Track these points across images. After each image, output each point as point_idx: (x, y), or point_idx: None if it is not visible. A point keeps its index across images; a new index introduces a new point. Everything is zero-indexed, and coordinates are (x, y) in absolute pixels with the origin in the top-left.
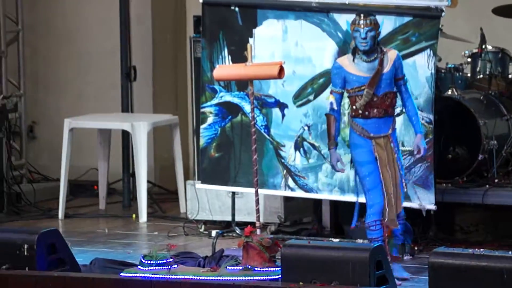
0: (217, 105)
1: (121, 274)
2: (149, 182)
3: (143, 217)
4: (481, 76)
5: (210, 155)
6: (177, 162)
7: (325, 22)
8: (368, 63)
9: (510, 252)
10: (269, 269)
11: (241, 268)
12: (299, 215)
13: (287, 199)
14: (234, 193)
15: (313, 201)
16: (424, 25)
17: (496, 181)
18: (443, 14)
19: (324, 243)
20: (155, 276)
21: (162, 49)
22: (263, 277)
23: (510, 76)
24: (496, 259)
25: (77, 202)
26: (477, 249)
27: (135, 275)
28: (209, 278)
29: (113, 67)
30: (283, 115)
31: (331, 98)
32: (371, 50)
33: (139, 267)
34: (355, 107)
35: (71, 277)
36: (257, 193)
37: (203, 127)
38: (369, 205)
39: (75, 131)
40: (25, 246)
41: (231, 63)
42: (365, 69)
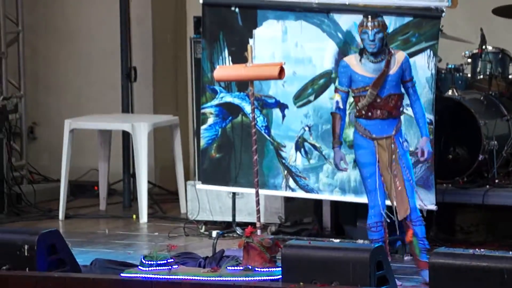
0: (217, 105)
1: (122, 274)
2: (149, 182)
3: (144, 217)
4: (481, 76)
5: (210, 156)
6: (177, 162)
7: (325, 22)
8: (374, 64)
9: (510, 252)
10: (270, 269)
11: (241, 268)
12: (299, 215)
13: (287, 200)
14: (234, 194)
15: (314, 201)
16: (424, 26)
17: (496, 181)
18: (444, 14)
19: (324, 243)
20: (156, 276)
21: (162, 50)
22: (263, 278)
23: (510, 76)
24: (496, 260)
25: (77, 202)
26: (477, 250)
27: (136, 275)
28: (209, 278)
29: (114, 67)
30: (284, 115)
31: (336, 96)
32: (379, 51)
33: (140, 267)
34: (358, 107)
35: (72, 278)
36: (257, 194)
37: (203, 127)
38: (370, 206)
39: (76, 132)
40: (26, 246)
41: (231, 63)
42: (371, 70)
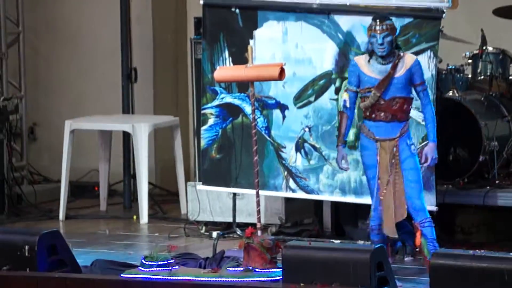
0: (218, 106)
1: (122, 275)
2: (150, 183)
3: (144, 218)
4: (482, 77)
5: (211, 157)
6: (178, 163)
7: (326, 23)
8: (382, 66)
9: (511, 253)
10: (270, 270)
11: (242, 269)
12: (300, 216)
13: (288, 200)
14: (235, 194)
15: (314, 202)
16: (424, 27)
17: (497, 182)
18: (444, 15)
19: (325, 244)
20: (156, 277)
21: (162, 51)
22: (264, 278)
23: (510, 77)
24: (497, 261)
25: (78, 203)
26: (478, 250)
27: (136, 276)
28: (210, 279)
29: (114, 68)
30: (284, 116)
31: (345, 95)
32: (388, 54)
33: (140, 268)
34: (361, 108)
35: (72, 278)
36: (258, 194)
37: (204, 128)
38: (372, 208)
39: (76, 133)
40: (26, 247)
41: (231, 64)
42: (377, 71)
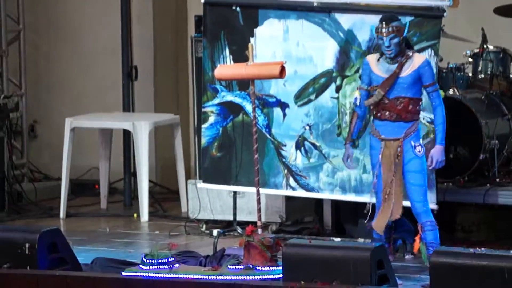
0: (218, 104)
1: (122, 273)
2: (150, 181)
3: (145, 216)
4: (483, 75)
5: (211, 155)
6: (178, 161)
7: (327, 22)
8: (390, 65)
9: (511, 251)
10: (271, 268)
11: (242, 267)
12: (300, 214)
13: (288, 199)
14: (235, 193)
15: (315, 200)
16: (425, 25)
17: (497, 180)
18: (445, 14)
19: (325, 242)
20: (157, 275)
21: (163, 49)
22: (264, 277)
23: (511, 75)
24: (497, 259)
25: (78, 201)
26: (478, 249)
27: (137, 274)
28: (210, 277)
29: (114, 66)
30: (284, 114)
31: (356, 94)
32: (397, 54)
33: (141, 266)
34: (371, 107)
35: (72, 276)
36: (258, 193)
37: (204, 126)
38: (377, 207)
39: (77, 130)
40: (27, 245)
41: (232, 62)
42: (385, 70)
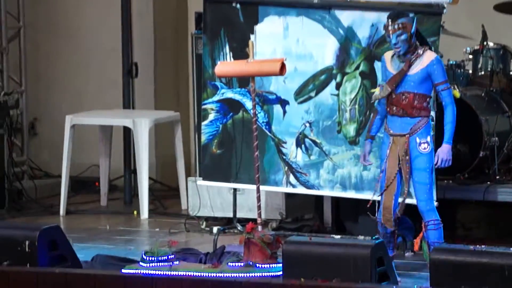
0: (218, 101)
1: (122, 270)
2: (150, 178)
3: (145, 213)
4: (483, 72)
5: (211, 152)
6: (178, 158)
7: (327, 18)
8: (401, 63)
9: (511, 248)
10: (271, 265)
11: (242, 264)
12: (300, 211)
13: (288, 196)
14: (235, 190)
15: (315, 197)
16: (425, 22)
17: (497, 177)
18: (445, 11)
19: (325, 239)
20: (157, 272)
21: (163, 46)
22: (264, 274)
23: (511, 72)
24: (497, 256)
25: (78, 198)
26: (478, 246)
27: (137, 271)
28: (210, 274)
29: (115, 63)
30: (285, 111)
31: (376, 90)
32: (407, 51)
33: (141, 263)
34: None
35: (73, 274)
36: (258, 190)
37: (204, 123)
38: (381, 202)
39: (77, 128)
40: (27, 242)
41: (232, 59)
42: (396, 67)
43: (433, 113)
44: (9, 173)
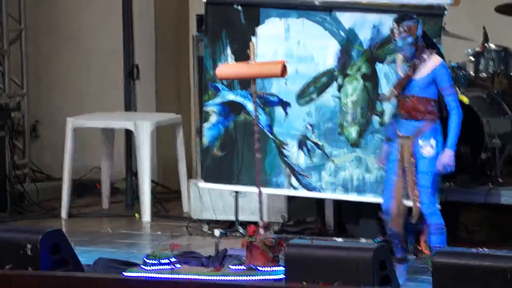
0: (220, 103)
1: (124, 274)
2: (152, 181)
3: (146, 216)
4: (484, 74)
5: (213, 154)
6: (180, 161)
7: (328, 20)
8: (408, 66)
9: None
10: (273, 268)
11: (244, 267)
12: (302, 214)
13: (290, 199)
14: (237, 193)
15: (317, 200)
16: (426, 24)
17: (499, 180)
18: (446, 12)
19: (327, 242)
20: (158, 276)
21: (164, 48)
22: (266, 277)
23: None
24: (499, 259)
25: (80, 201)
26: (480, 249)
27: (138, 274)
28: (212, 277)
29: (116, 66)
30: (286, 113)
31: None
32: (414, 55)
33: (142, 266)
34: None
35: (75, 277)
36: (260, 193)
37: (206, 126)
38: (383, 200)
39: (78, 130)
40: (29, 246)
41: (234, 61)
42: (403, 70)
43: None
44: (10, 176)
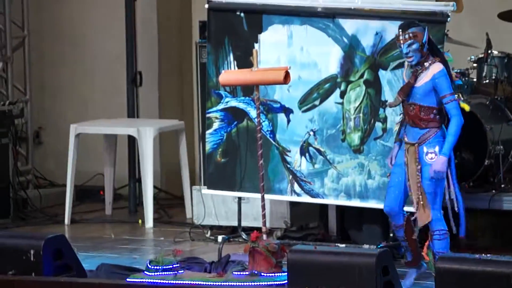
0: (222, 110)
1: (127, 279)
2: (155, 187)
3: (149, 222)
4: (487, 81)
5: (216, 161)
6: (183, 167)
7: (331, 27)
8: (411, 73)
9: None
10: (276, 274)
11: (247, 273)
12: (305, 220)
13: (293, 204)
14: (240, 199)
15: (319, 206)
16: (429, 30)
17: (502, 186)
18: (449, 19)
19: (330, 248)
20: (161, 281)
21: (167, 54)
22: (269, 283)
23: None
24: (502, 265)
25: (83, 207)
26: (483, 254)
27: (141, 280)
28: (215, 283)
29: (119, 72)
30: (289, 120)
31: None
32: (419, 62)
33: (145, 272)
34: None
35: (78, 283)
36: (263, 198)
37: (209, 132)
38: (385, 200)
39: (81, 137)
40: (32, 251)
41: (236, 68)
42: (408, 77)
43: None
44: (14, 182)
